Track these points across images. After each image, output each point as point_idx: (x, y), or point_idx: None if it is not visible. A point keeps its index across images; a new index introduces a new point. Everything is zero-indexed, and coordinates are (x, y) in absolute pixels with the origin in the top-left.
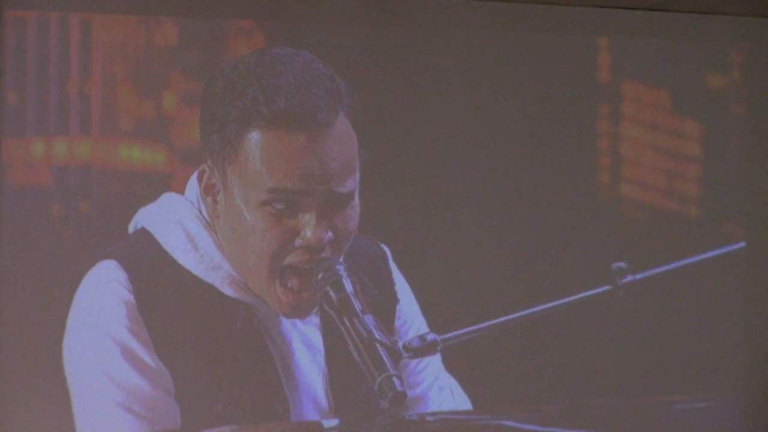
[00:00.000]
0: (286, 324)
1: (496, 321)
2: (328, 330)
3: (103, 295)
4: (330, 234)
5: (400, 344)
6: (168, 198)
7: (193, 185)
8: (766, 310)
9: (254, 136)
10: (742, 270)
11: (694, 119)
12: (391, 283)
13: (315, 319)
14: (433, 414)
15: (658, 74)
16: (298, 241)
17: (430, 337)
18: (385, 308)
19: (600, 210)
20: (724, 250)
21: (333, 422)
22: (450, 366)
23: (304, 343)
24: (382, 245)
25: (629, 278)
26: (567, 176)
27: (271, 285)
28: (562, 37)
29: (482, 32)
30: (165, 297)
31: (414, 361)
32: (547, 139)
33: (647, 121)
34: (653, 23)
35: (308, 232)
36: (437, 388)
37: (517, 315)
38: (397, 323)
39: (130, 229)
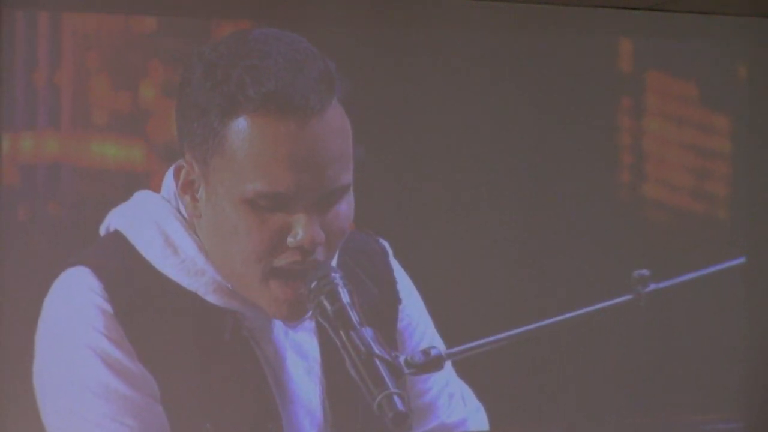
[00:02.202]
0: (278, 332)
1: (507, 334)
2: (325, 335)
3: (76, 306)
4: (323, 234)
5: (402, 359)
6: (142, 197)
7: (169, 182)
8: None
9: (240, 124)
10: None
11: (724, 113)
12: (393, 282)
13: (310, 324)
14: None
15: (684, 64)
16: (290, 240)
17: (435, 351)
18: (387, 309)
19: (621, 212)
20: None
21: None
22: (459, 376)
23: (298, 353)
24: (382, 241)
25: (652, 287)
26: (585, 174)
27: (263, 286)
28: (575, 36)
29: (491, 29)
30: (145, 308)
31: None
32: (563, 135)
33: (672, 114)
34: (672, 22)
35: (300, 232)
36: (447, 395)
37: (530, 327)
38: (400, 325)
39: (102, 231)
